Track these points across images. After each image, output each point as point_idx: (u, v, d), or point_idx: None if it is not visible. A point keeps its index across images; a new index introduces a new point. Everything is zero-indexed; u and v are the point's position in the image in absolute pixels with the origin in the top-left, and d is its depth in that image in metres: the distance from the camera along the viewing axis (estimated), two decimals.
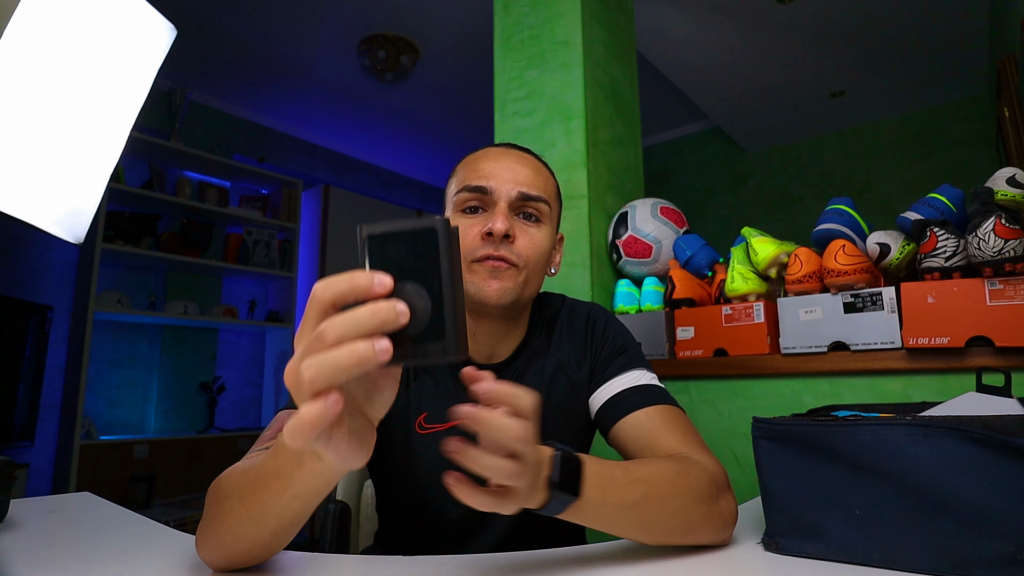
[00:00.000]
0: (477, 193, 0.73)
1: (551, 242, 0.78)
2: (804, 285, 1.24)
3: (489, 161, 0.76)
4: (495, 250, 0.71)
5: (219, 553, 0.52)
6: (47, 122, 0.54)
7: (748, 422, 0.66)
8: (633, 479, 0.55)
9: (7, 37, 0.47)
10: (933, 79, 3.40)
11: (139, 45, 0.62)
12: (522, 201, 0.74)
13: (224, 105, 3.83)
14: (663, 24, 2.89)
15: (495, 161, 0.76)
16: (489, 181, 0.73)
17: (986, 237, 0.97)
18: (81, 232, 0.61)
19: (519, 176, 0.74)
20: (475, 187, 0.73)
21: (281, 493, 0.46)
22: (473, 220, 0.73)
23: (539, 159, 0.81)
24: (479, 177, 0.74)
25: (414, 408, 0.77)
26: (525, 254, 0.73)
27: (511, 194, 0.73)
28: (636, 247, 1.61)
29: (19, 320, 2.57)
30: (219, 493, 0.52)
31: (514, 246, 0.72)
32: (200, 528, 0.54)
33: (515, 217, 0.74)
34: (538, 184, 0.76)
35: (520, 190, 0.74)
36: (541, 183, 0.77)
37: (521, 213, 0.75)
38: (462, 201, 0.75)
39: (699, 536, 0.59)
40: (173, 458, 3.08)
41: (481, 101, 3.61)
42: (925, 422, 0.53)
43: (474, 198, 0.74)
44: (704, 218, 4.36)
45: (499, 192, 0.73)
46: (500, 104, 1.91)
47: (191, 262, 3.29)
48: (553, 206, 0.79)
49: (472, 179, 0.74)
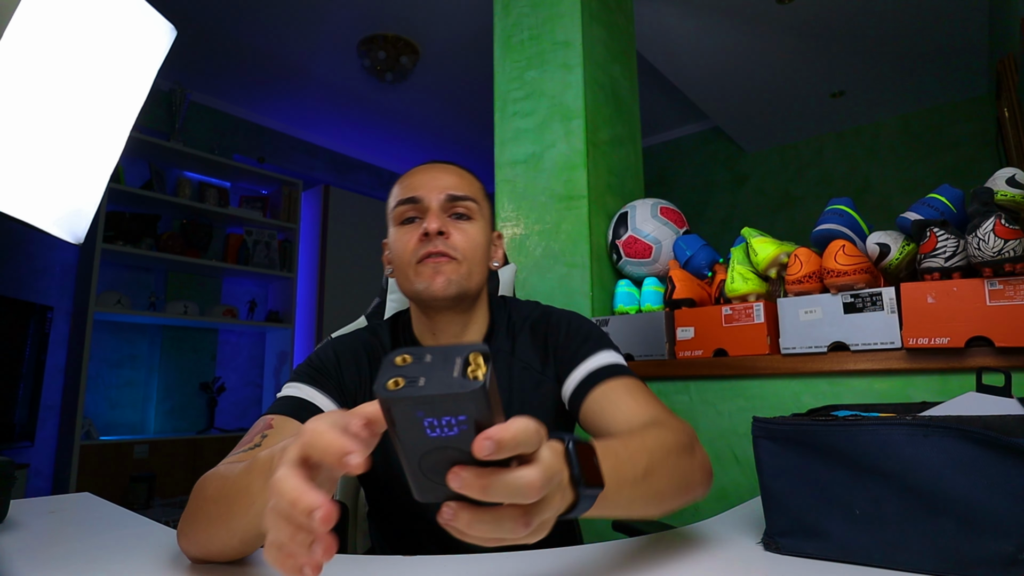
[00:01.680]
0: (410, 204, 0.81)
1: (486, 236, 0.85)
2: (804, 285, 1.24)
3: (417, 175, 0.84)
4: (433, 247, 0.78)
5: (194, 548, 0.57)
6: (47, 122, 0.54)
7: (748, 422, 0.66)
8: (633, 450, 0.55)
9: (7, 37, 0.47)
10: (933, 79, 3.40)
11: (139, 45, 0.62)
12: (451, 202, 0.82)
13: (224, 105, 3.83)
14: (663, 24, 2.89)
15: (422, 174, 0.84)
16: (419, 191, 0.82)
17: (986, 237, 0.97)
18: (81, 232, 0.61)
19: (445, 182, 0.83)
20: (407, 199, 0.82)
21: (248, 509, 0.48)
22: (411, 227, 0.82)
23: (462, 167, 0.89)
24: (410, 189, 0.82)
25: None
26: (462, 248, 0.80)
27: (440, 198, 0.81)
28: (636, 247, 1.61)
29: (19, 320, 2.57)
30: (201, 493, 0.56)
31: (449, 241, 0.80)
32: (181, 520, 0.58)
33: (447, 217, 0.81)
34: (463, 186, 0.84)
35: (448, 192, 0.82)
36: (466, 185, 0.84)
37: (452, 214, 0.82)
38: (399, 215, 0.82)
39: (695, 491, 0.62)
40: (173, 458, 3.08)
41: (481, 101, 3.61)
42: (925, 422, 0.53)
43: (409, 209, 0.82)
44: (704, 218, 4.36)
45: (429, 198, 0.81)
46: (500, 104, 1.91)
47: (191, 262, 3.29)
48: (482, 204, 0.86)
49: (404, 193, 0.83)
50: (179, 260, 3.24)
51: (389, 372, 0.33)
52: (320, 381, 0.79)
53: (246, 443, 0.68)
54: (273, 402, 0.77)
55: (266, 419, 0.73)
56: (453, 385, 0.32)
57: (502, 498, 0.36)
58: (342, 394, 0.80)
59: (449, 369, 0.32)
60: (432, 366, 0.33)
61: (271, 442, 0.69)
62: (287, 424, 0.72)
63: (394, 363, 0.33)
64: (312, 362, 0.82)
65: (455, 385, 0.32)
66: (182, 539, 0.58)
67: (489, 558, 0.60)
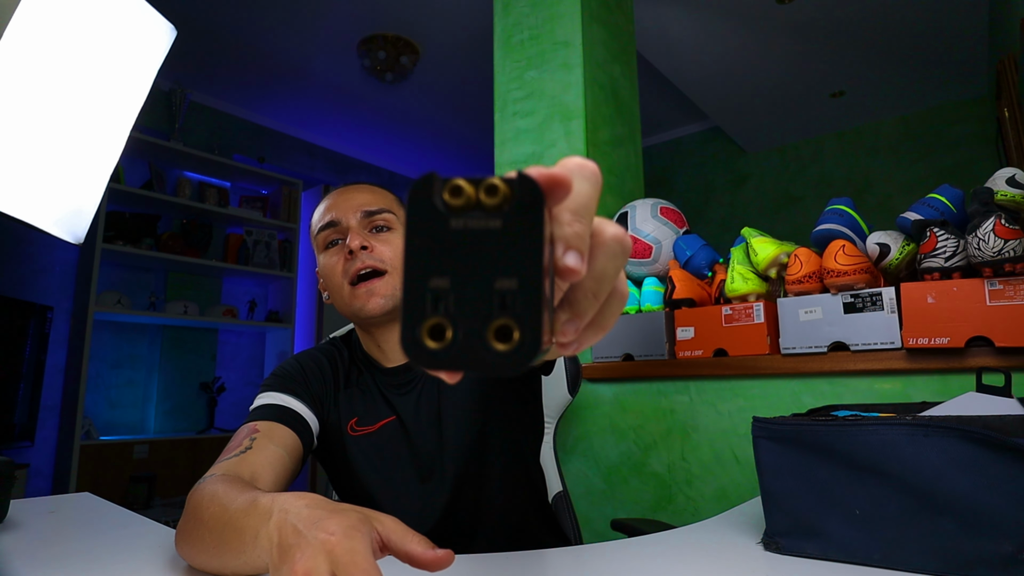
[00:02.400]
0: (330, 228, 0.84)
1: None
2: (804, 285, 1.24)
3: (331, 199, 0.87)
4: (360, 263, 0.80)
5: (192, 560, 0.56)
6: (47, 122, 0.54)
7: (748, 422, 0.66)
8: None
9: (7, 37, 0.47)
10: (933, 79, 3.40)
11: (139, 45, 0.62)
12: (367, 217, 0.84)
13: (224, 105, 3.83)
14: (663, 24, 2.89)
15: (336, 197, 0.87)
16: (335, 213, 0.84)
17: (986, 237, 0.97)
18: (81, 232, 0.61)
19: (358, 200, 0.85)
20: (326, 224, 0.84)
21: (241, 551, 0.47)
22: (335, 250, 0.84)
23: (373, 183, 0.91)
24: (327, 214, 0.85)
25: (345, 415, 0.85)
26: (387, 258, 0.82)
27: (356, 215, 0.84)
28: (636, 247, 1.61)
29: (19, 320, 2.57)
30: (196, 513, 0.55)
31: (375, 254, 0.82)
32: (179, 527, 0.58)
33: (368, 232, 0.84)
34: (377, 200, 0.86)
35: (363, 209, 0.84)
36: (379, 199, 0.87)
37: (372, 227, 0.84)
38: (323, 240, 0.85)
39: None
40: (173, 458, 3.08)
41: (481, 101, 3.61)
42: (925, 422, 0.53)
43: (330, 233, 0.84)
44: (704, 218, 4.36)
45: (346, 218, 0.84)
46: (500, 104, 1.91)
47: (191, 262, 3.29)
48: (399, 213, 0.88)
49: (323, 219, 0.85)
50: (179, 260, 3.24)
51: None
52: (292, 388, 0.81)
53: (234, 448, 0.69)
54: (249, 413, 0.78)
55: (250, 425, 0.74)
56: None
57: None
58: (313, 400, 0.82)
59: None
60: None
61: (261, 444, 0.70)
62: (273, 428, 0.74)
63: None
64: (278, 373, 0.84)
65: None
66: (180, 547, 0.58)
67: (489, 558, 0.60)
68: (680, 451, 1.44)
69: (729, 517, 0.75)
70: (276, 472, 0.69)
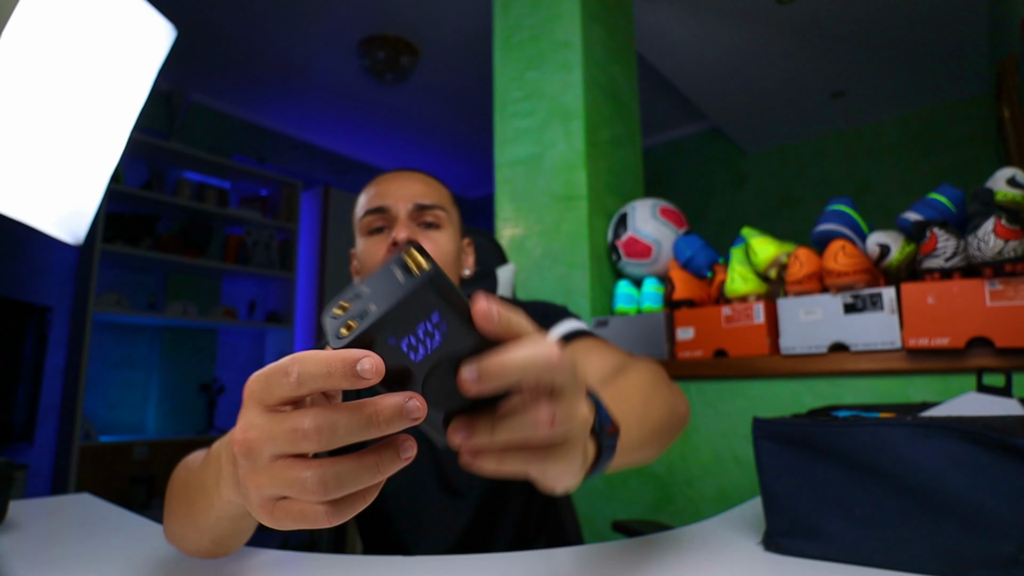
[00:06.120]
0: (378, 214, 0.80)
1: (456, 244, 0.84)
2: (804, 286, 1.24)
3: (383, 184, 0.83)
4: None
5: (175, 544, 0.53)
6: (47, 122, 0.54)
7: (748, 423, 0.66)
8: (623, 390, 0.54)
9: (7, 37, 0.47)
10: (933, 79, 3.40)
11: (139, 45, 0.62)
12: (419, 211, 0.80)
13: (224, 105, 3.83)
14: (663, 24, 2.89)
15: (389, 182, 0.83)
16: (386, 200, 0.80)
17: (986, 238, 0.97)
18: (81, 233, 0.61)
19: (412, 191, 0.81)
20: (375, 208, 0.80)
21: (208, 511, 0.43)
22: (379, 238, 0.80)
23: (430, 175, 0.87)
24: (377, 199, 0.81)
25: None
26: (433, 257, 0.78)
27: (408, 207, 0.80)
28: (636, 248, 1.61)
29: (19, 320, 2.57)
30: (171, 486, 0.52)
31: None
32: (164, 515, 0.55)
33: (416, 227, 0.80)
34: (431, 194, 0.82)
35: (415, 202, 0.80)
36: (434, 193, 0.83)
37: (421, 223, 0.81)
38: (367, 225, 0.81)
39: (682, 418, 0.62)
40: (173, 459, 3.08)
41: (481, 102, 3.61)
42: (925, 422, 0.53)
43: (376, 219, 0.80)
44: (704, 218, 4.36)
45: (396, 207, 0.80)
46: (500, 105, 1.91)
47: (191, 263, 3.29)
48: (451, 212, 0.85)
49: (372, 203, 0.81)
50: (179, 260, 3.24)
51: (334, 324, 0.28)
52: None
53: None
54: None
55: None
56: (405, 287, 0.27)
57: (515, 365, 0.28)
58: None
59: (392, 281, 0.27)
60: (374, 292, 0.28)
61: None
62: None
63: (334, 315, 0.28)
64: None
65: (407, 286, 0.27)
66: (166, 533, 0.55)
67: (489, 558, 0.60)
68: (680, 451, 1.44)
69: (729, 517, 0.75)
70: None
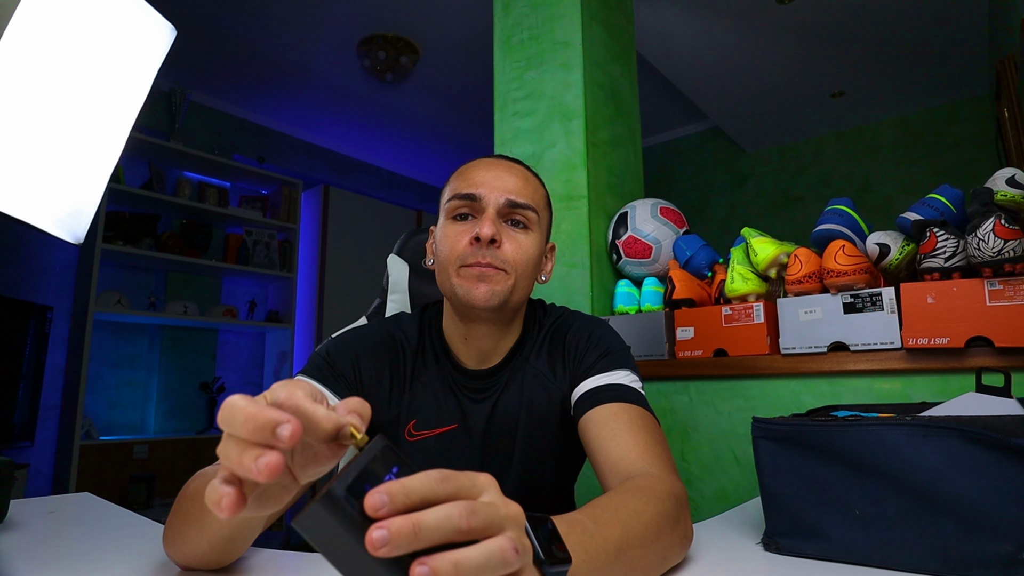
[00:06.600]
0: (467, 200, 0.76)
1: (539, 249, 0.80)
2: (804, 285, 1.24)
3: (479, 170, 0.78)
4: (482, 257, 0.73)
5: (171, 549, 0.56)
6: (47, 122, 0.54)
7: (748, 422, 0.66)
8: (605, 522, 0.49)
9: (7, 37, 0.47)
10: (933, 79, 3.40)
11: (139, 45, 0.62)
12: (510, 208, 0.76)
13: (224, 105, 3.83)
14: (663, 24, 2.89)
15: (485, 170, 0.78)
16: (478, 189, 0.76)
17: (986, 238, 0.97)
18: (81, 232, 0.61)
19: (508, 184, 0.76)
20: (465, 195, 0.76)
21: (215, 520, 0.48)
22: (463, 226, 0.76)
23: (529, 169, 0.82)
24: (469, 185, 0.76)
25: (405, 416, 0.79)
26: (512, 259, 0.75)
27: (499, 201, 0.75)
28: (636, 247, 1.61)
29: (19, 320, 2.57)
30: (184, 491, 0.55)
31: (500, 251, 0.74)
32: (165, 531, 0.57)
33: (503, 223, 0.76)
34: (526, 192, 0.78)
35: (508, 197, 0.75)
36: (529, 192, 0.78)
37: (509, 220, 0.77)
38: (453, 208, 0.77)
39: (672, 560, 0.56)
40: (173, 458, 3.08)
41: (481, 101, 3.61)
42: (925, 422, 0.53)
43: (464, 205, 0.76)
44: (704, 218, 4.36)
45: (487, 199, 0.75)
46: (500, 104, 1.91)
47: (191, 262, 3.29)
48: (542, 215, 0.80)
49: (463, 187, 0.76)
50: (179, 260, 3.24)
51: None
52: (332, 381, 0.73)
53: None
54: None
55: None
56: (363, 455, 0.33)
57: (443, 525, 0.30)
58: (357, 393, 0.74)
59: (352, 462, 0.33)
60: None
61: None
62: None
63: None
64: (328, 356, 0.76)
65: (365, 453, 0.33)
66: (165, 541, 0.57)
67: None
68: (680, 451, 1.44)
69: (729, 517, 0.75)
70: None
